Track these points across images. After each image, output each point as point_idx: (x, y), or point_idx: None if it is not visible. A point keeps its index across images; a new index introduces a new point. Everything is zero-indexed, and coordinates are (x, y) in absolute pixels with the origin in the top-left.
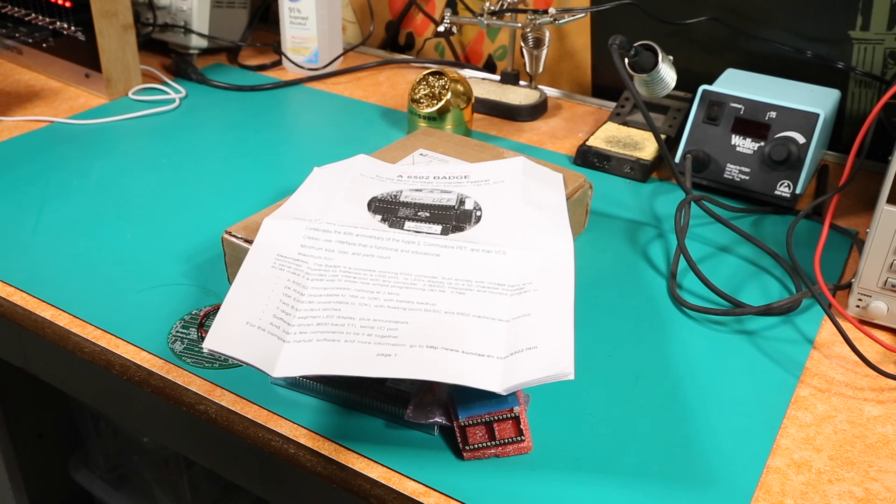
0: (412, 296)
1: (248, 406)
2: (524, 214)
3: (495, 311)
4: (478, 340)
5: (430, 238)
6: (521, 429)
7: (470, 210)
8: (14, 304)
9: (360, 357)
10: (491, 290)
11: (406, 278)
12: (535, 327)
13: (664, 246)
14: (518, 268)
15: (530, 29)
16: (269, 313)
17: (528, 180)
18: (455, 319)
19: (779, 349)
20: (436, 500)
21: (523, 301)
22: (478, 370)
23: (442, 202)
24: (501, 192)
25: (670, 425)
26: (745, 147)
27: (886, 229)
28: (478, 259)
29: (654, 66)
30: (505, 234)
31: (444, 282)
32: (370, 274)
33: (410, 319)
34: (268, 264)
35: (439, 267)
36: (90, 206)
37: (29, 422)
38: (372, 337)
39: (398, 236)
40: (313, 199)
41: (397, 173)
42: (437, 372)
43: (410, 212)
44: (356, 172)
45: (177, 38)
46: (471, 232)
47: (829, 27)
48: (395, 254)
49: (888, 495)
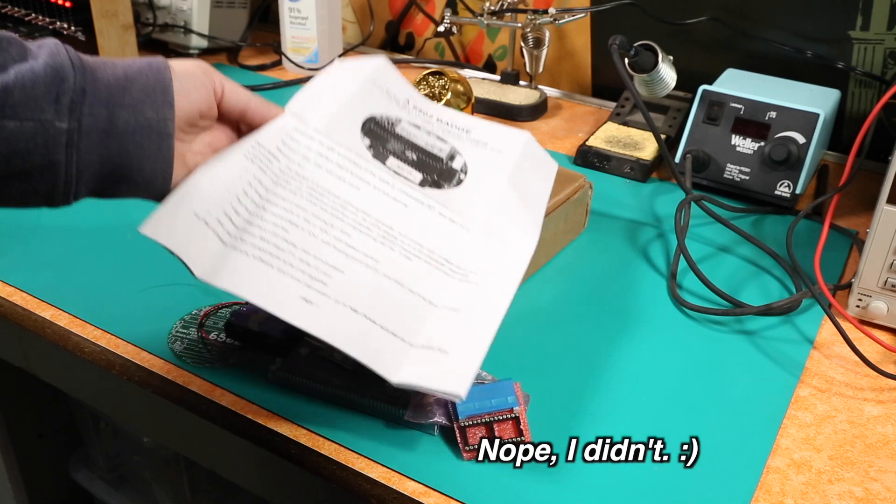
0: (361, 242)
1: (248, 406)
2: (504, 196)
3: (430, 291)
4: (401, 319)
5: (406, 185)
6: (521, 429)
7: (455, 170)
8: (14, 304)
9: (282, 294)
10: (437, 264)
11: (365, 219)
12: (457, 328)
13: (664, 246)
14: (474, 251)
15: (530, 29)
16: (219, 208)
17: (523, 160)
18: (390, 287)
19: (779, 349)
20: (436, 500)
21: (461, 291)
22: (384, 351)
23: (433, 150)
24: (493, 162)
25: (670, 425)
26: (745, 147)
27: (886, 229)
28: (440, 225)
29: (654, 66)
30: (477, 210)
31: (398, 237)
32: (334, 200)
33: (348, 270)
34: (242, 151)
35: (401, 219)
36: (90, 206)
37: (29, 422)
38: (304, 275)
39: (376, 170)
40: (319, 95)
41: (406, 97)
42: (344, 340)
43: (399, 147)
44: (369, 78)
45: (177, 38)
46: (446, 193)
47: (829, 27)
48: (366, 186)
49: (888, 495)
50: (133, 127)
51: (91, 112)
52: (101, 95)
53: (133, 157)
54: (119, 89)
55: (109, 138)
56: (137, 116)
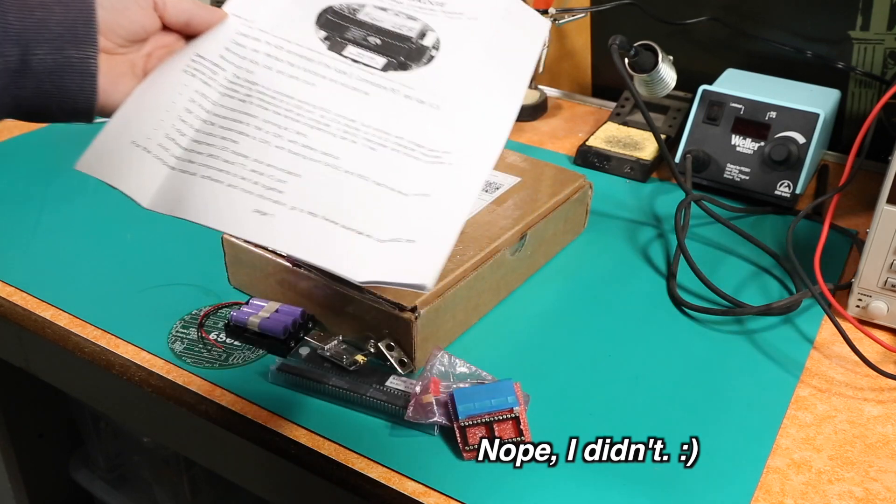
0: (320, 141)
1: (248, 406)
2: (481, 67)
3: (399, 180)
4: (364, 214)
5: (366, 72)
6: (521, 429)
7: (426, 47)
8: (14, 304)
9: (234, 210)
10: (406, 150)
11: (323, 116)
12: (426, 215)
13: (664, 246)
14: (446, 130)
15: None
16: (161, 131)
17: (503, 23)
18: (352, 182)
19: (779, 349)
20: (436, 500)
21: (432, 174)
22: (347, 252)
23: (401, 30)
24: (469, 32)
25: (670, 425)
26: (745, 147)
27: (886, 229)
28: (407, 108)
29: (654, 66)
30: (449, 85)
31: (360, 129)
32: (287, 102)
33: (305, 172)
34: (180, 67)
35: (363, 109)
36: (90, 206)
37: (29, 422)
38: (257, 186)
39: (331, 62)
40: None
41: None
42: (303, 248)
43: (360, 34)
44: None
45: None
46: (414, 73)
47: (829, 27)
48: (322, 81)
49: (888, 495)
50: (50, 66)
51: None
52: (10, 32)
53: (52, 97)
54: (34, 24)
55: (23, 79)
56: (55, 55)
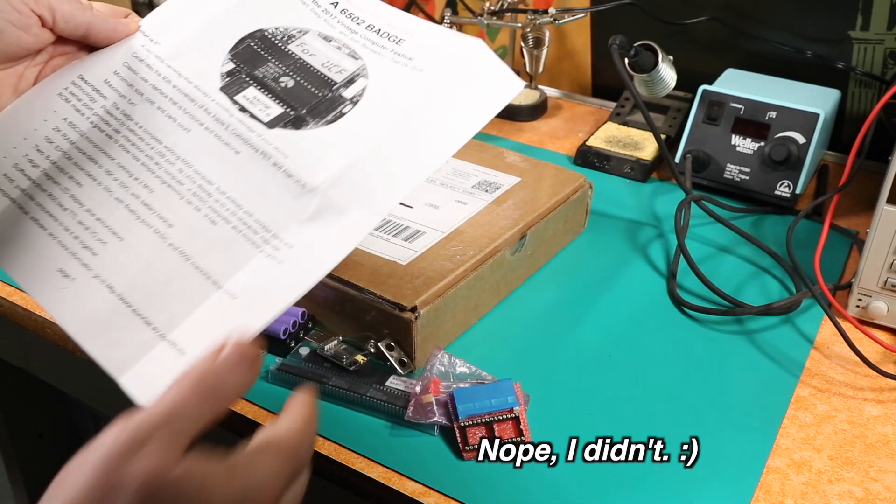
0: (163, 201)
1: (248, 406)
2: (386, 138)
3: (222, 268)
4: (164, 303)
5: (246, 125)
6: (521, 429)
7: (343, 99)
8: (14, 304)
9: (41, 264)
10: (250, 232)
11: (182, 170)
12: (218, 320)
13: (664, 246)
14: (299, 218)
15: (530, 29)
16: (10, 161)
17: (458, 80)
18: (170, 260)
19: (779, 349)
20: (436, 500)
21: (260, 269)
22: (123, 343)
23: (329, 71)
24: (408, 83)
25: (670, 425)
26: (745, 147)
27: (886, 229)
28: (272, 181)
29: (654, 66)
30: (331, 160)
31: (212, 194)
32: (152, 146)
33: (130, 236)
34: (56, 89)
35: (225, 171)
36: None
37: (29, 422)
38: (76, 242)
39: (214, 107)
40: (186, 8)
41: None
42: (79, 325)
43: (275, 72)
44: None
45: None
46: (303, 134)
47: (829, 27)
48: (197, 128)
49: (888, 495)
50: None
51: None
52: None
53: None
54: None
55: None
56: None
